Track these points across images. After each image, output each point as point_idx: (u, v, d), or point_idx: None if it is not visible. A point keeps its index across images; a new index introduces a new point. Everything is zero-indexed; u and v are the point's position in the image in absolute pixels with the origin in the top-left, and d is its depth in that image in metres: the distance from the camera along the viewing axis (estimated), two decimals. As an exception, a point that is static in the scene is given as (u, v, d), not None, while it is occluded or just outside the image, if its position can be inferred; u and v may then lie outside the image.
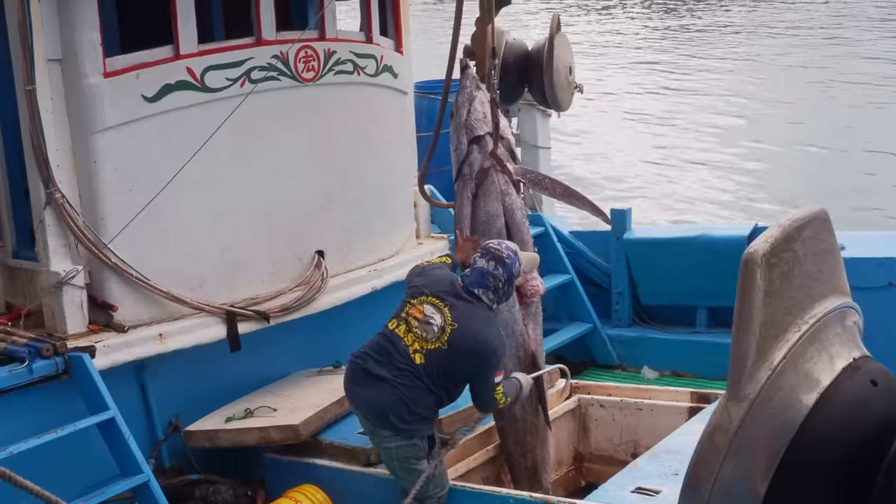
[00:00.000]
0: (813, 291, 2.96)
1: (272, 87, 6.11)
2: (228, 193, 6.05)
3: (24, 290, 5.98)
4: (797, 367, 2.87)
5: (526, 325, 5.60)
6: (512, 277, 5.04)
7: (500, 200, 5.57)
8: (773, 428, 2.84)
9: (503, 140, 5.61)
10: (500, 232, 5.55)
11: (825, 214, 3.01)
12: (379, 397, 4.91)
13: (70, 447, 5.15)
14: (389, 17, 7.06)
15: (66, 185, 5.49)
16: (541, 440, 5.65)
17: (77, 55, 5.44)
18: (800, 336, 2.89)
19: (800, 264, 2.91)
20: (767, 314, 2.83)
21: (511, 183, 5.63)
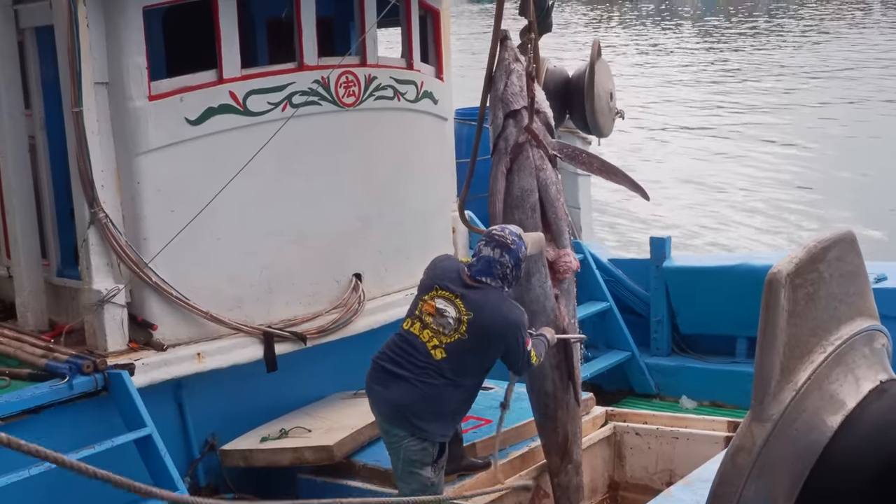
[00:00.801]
0: (839, 313, 2.93)
1: (313, 112, 6.21)
2: (268, 215, 6.14)
3: (67, 307, 6.10)
4: (822, 389, 2.84)
5: (558, 300, 5.51)
6: (519, 262, 4.95)
7: (534, 175, 5.47)
8: (797, 449, 2.81)
9: (539, 114, 5.52)
10: (533, 207, 5.47)
11: (852, 236, 2.98)
12: (399, 396, 4.89)
13: (107, 463, 5.18)
14: (431, 44, 7.14)
15: (109, 205, 5.61)
16: (571, 415, 5.66)
17: (123, 79, 5.58)
18: (825, 357, 2.85)
19: (825, 286, 2.88)
20: (792, 335, 2.80)
21: (546, 158, 5.53)
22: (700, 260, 8.48)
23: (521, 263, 4.98)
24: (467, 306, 4.87)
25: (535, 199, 5.48)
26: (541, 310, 5.42)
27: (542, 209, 5.50)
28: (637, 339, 7.96)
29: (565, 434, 5.64)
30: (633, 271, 8.14)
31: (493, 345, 4.91)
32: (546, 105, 5.64)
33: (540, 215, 5.48)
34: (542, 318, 5.42)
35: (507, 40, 5.68)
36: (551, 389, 5.58)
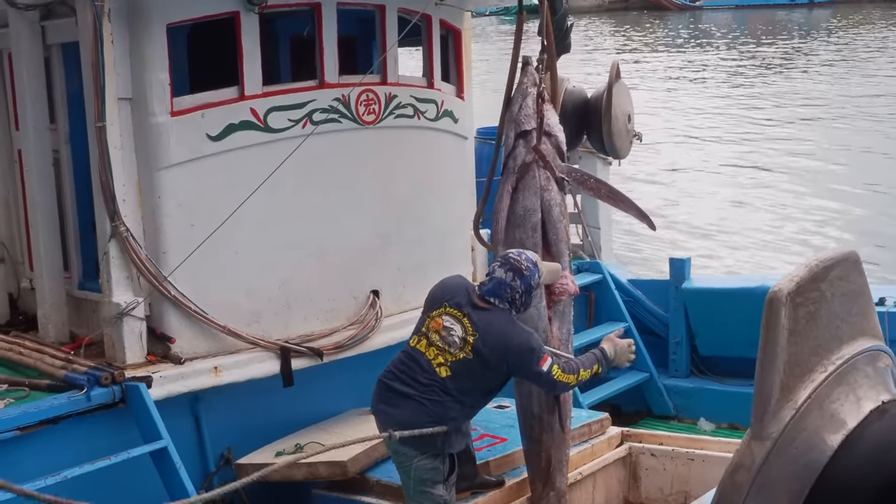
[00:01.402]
0: (841, 333, 2.94)
1: (333, 129, 6.27)
2: (287, 231, 6.20)
3: (87, 320, 6.19)
4: (822, 408, 2.85)
5: (551, 322, 5.46)
6: (530, 289, 4.93)
7: (538, 196, 5.47)
8: (796, 468, 2.81)
9: (551, 137, 5.53)
10: (534, 227, 5.46)
11: (855, 256, 2.99)
12: (404, 415, 4.87)
13: (123, 474, 5.28)
14: (452, 63, 7.20)
15: (130, 219, 5.70)
16: (556, 441, 5.50)
17: (146, 95, 5.68)
18: (826, 376, 2.86)
19: (827, 305, 2.89)
20: (792, 353, 2.82)
21: (553, 179, 5.52)
22: (719, 281, 8.47)
23: (531, 290, 4.96)
24: (474, 326, 4.85)
25: (536, 219, 5.48)
26: (534, 329, 5.29)
27: (544, 230, 5.49)
28: (656, 360, 7.94)
29: (548, 459, 5.51)
30: (652, 292, 8.12)
31: (497, 367, 4.87)
32: (559, 129, 5.66)
33: (541, 236, 5.46)
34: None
35: (527, 66, 5.73)
36: (537, 411, 5.48)
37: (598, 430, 6.29)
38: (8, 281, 6.78)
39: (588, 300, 8.17)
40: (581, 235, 8.71)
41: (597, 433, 6.27)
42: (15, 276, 6.79)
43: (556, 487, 5.54)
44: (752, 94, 30.79)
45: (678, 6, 67.69)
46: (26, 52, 6.01)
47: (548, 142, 5.56)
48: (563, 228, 5.55)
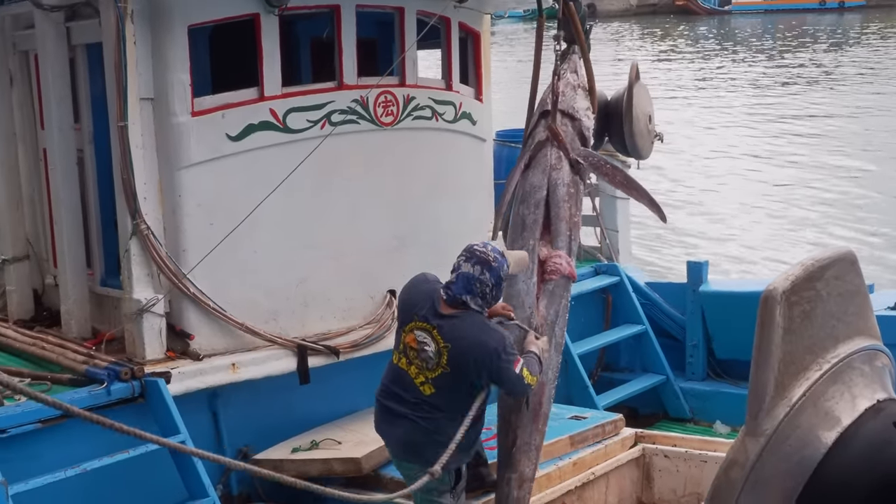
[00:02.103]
0: (837, 332, 2.96)
1: (351, 130, 6.35)
2: (305, 231, 6.28)
3: (109, 316, 6.29)
4: (817, 406, 2.87)
5: (539, 299, 5.31)
6: (500, 281, 4.85)
7: (546, 174, 5.40)
8: (790, 465, 2.84)
9: (574, 120, 5.50)
10: (537, 204, 5.39)
11: (852, 256, 3.02)
12: (405, 434, 4.88)
13: (141, 468, 5.37)
14: (471, 66, 7.26)
15: (151, 217, 5.80)
16: (523, 421, 5.21)
17: (167, 95, 5.78)
18: (821, 375, 2.89)
19: (823, 304, 2.91)
20: (787, 352, 2.85)
21: (566, 160, 5.45)
22: (736, 285, 8.46)
23: (501, 283, 4.88)
24: (444, 337, 4.75)
25: (540, 196, 5.40)
26: (519, 305, 5.25)
27: (547, 208, 5.39)
28: (672, 362, 7.95)
29: (514, 439, 5.22)
30: (669, 295, 8.14)
31: (475, 374, 4.77)
32: (585, 115, 5.60)
33: (543, 213, 5.37)
34: (518, 314, 5.23)
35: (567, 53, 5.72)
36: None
37: (612, 431, 6.32)
38: (32, 277, 6.90)
39: (605, 302, 8.20)
40: (599, 238, 8.74)
41: (610, 434, 6.30)
42: (39, 273, 6.91)
43: (519, 470, 5.21)
44: (780, 99, 30.62)
45: (707, 10, 67.41)
46: (51, 52, 6.13)
47: (568, 124, 5.51)
48: (566, 208, 5.42)
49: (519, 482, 5.18)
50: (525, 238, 5.39)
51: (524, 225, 5.35)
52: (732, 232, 16.21)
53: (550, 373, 5.26)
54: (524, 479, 5.20)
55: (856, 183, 19.36)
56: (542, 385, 5.16)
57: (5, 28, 6.63)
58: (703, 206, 17.96)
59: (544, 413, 5.29)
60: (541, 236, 5.35)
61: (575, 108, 5.58)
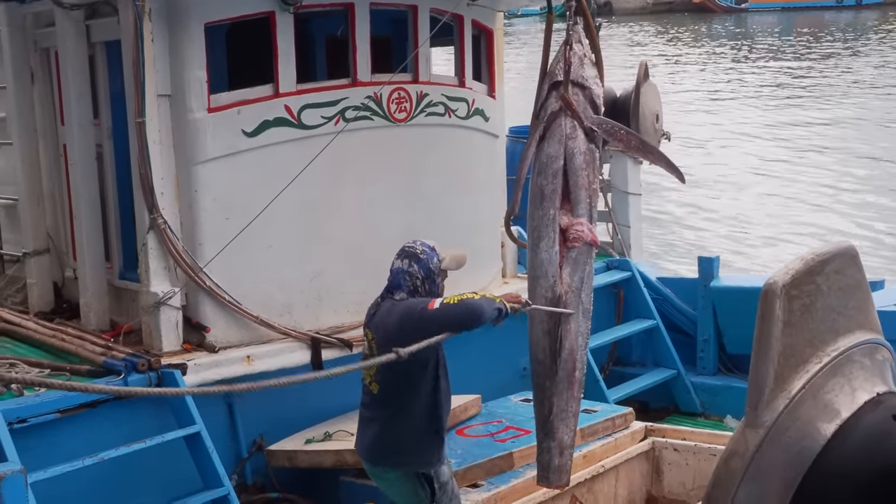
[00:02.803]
0: (837, 325, 3.02)
1: (365, 126, 6.43)
2: (319, 226, 6.37)
3: (127, 309, 6.40)
4: (816, 398, 2.93)
5: (562, 267, 5.22)
6: (430, 273, 4.88)
7: (562, 143, 5.33)
8: (789, 456, 2.90)
9: (584, 89, 5.42)
10: (556, 174, 5.32)
11: (853, 251, 3.07)
12: (371, 437, 4.93)
13: (158, 458, 5.47)
14: (483, 62, 7.33)
15: (168, 211, 5.90)
16: (559, 388, 5.16)
17: (184, 91, 5.87)
18: (820, 367, 2.95)
19: (823, 298, 2.97)
20: (787, 344, 2.91)
21: (581, 128, 5.38)
22: (747, 280, 8.47)
23: (432, 275, 4.91)
24: (371, 330, 4.87)
25: (558, 165, 5.32)
26: (542, 274, 5.20)
27: (565, 177, 5.32)
28: (683, 357, 8.00)
29: (550, 407, 5.17)
30: (680, 290, 8.19)
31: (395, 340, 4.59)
32: (594, 83, 5.50)
33: (561, 183, 5.31)
34: (542, 283, 5.18)
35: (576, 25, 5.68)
36: (541, 356, 5.20)
37: (622, 424, 6.38)
38: (53, 270, 7.00)
39: (617, 297, 8.25)
40: (611, 233, 8.80)
41: (620, 427, 6.36)
42: (59, 266, 7.01)
43: (558, 438, 5.16)
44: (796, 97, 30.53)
45: (723, 8, 67.12)
46: (71, 50, 6.24)
47: (579, 93, 5.43)
48: (584, 176, 5.36)
49: (559, 449, 5.17)
50: (545, 208, 5.31)
51: (543, 195, 5.27)
52: (746, 226, 16.22)
53: (581, 339, 5.20)
54: (564, 446, 5.17)
55: (870, 180, 19.31)
56: (571, 351, 5.13)
57: (27, 26, 6.73)
58: (719, 201, 17.96)
59: (578, 379, 5.24)
60: (561, 205, 5.28)
61: (584, 77, 5.52)
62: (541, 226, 5.23)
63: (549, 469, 5.15)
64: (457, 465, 5.63)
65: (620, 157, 8.19)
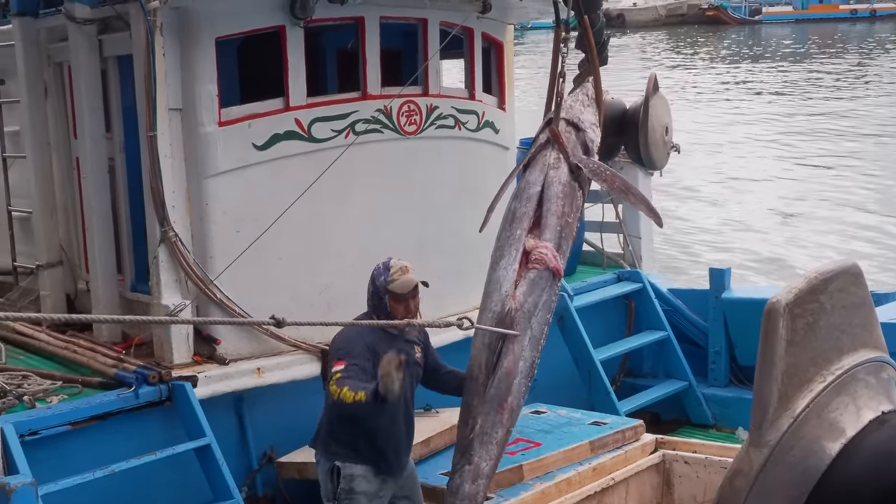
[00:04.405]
0: (841, 343, 3.01)
1: (375, 139, 6.46)
2: (329, 238, 6.39)
3: (139, 321, 6.42)
4: (821, 417, 2.92)
5: (517, 285, 5.15)
6: (376, 291, 5.07)
7: (543, 172, 5.38)
8: (794, 475, 2.90)
9: (580, 131, 5.53)
10: (529, 198, 5.35)
11: (857, 269, 3.07)
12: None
13: (168, 470, 5.50)
14: (494, 75, 7.35)
15: (179, 224, 5.93)
16: (486, 408, 4.92)
17: (196, 105, 5.91)
18: (824, 386, 2.94)
19: (826, 316, 2.97)
20: (791, 363, 2.90)
21: (565, 162, 5.42)
22: (759, 291, 8.45)
23: (378, 293, 5.11)
24: None
25: (535, 191, 5.36)
26: (495, 289, 5.16)
27: (539, 203, 5.35)
28: (695, 369, 7.98)
29: (473, 427, 4.92)
30: (692, 301, 8.18)
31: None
32: (590, 126, 5.60)
33: (534, 207, 5.33)
34: (494, 297, 5.16)
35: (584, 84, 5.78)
36: (475, 371, 5.02)
37: (632, 436, 6.37)
38: (66, 282, 7.04)
39: (628, 309, 8.25)
40: (622, 245, 8.80)
41: (631, 440, 6.35)
42: (72, 278, 7.05)
43: (475, 462, 4.85)
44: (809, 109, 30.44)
45: (737, 20, 67.12)
46: (84, 64, 6.29)
47: (573, 132, 5.51)
48: (559, 205, 5.34)
49: (473, 475, 4.82)
50: (512, 229, 5.30)
51: (514, 217, 5.28)
52: (759, 238, 16.19)
53: (522, 365, 4.97)
54: (479, 473, 4.83)
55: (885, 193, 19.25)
56: (508, 373, 4.92)
57: (40, 41, 6.79)
58: (729, 213, 17.93)
59: (511, 406, 4.95)
60: (530, 229, 5.26)
61: (581, 120, 5.59)
62: (504, 245, 5.23)
63: (457, 495, 4.82)
64: (466, 478, 5.61)
65: (631, 167, 8.18)
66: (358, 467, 4.95)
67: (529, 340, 5.03)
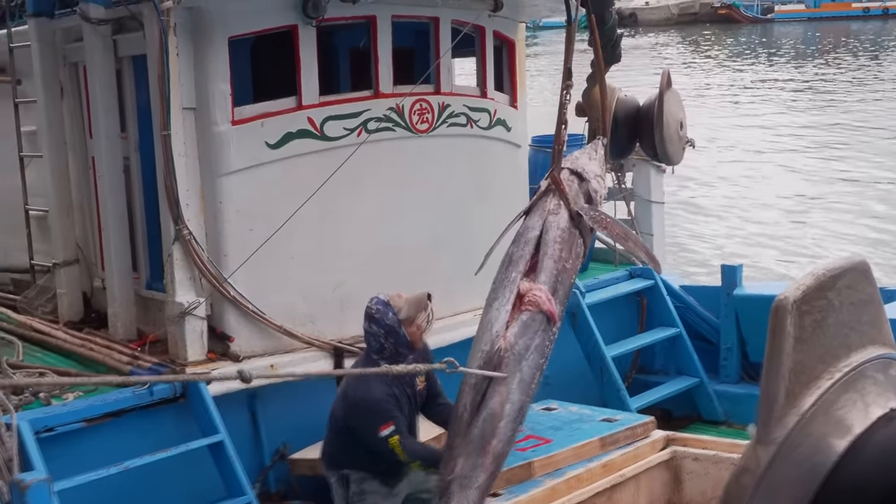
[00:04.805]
0: (850, 341, 3.02)
1: (387, 138, 6.50)
2: (342, 236, 6.43)
3: (154, 318, 6.48)
4: (828, 414, 2.93)
5: (508, 326, 5.15)
6: (391, 329, 5.09)
7: (542, 217, 5.46)
8: (801, 472, 2.90)
9: (583, 181, 5.60)
10: (527, 242, 5.42)
11: (865, 266, 3.08)
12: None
13: (181, 466, 5.54)
14: (506, 73, 7.37)
15: (193, 222, 5.98)
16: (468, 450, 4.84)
17: (209, 105, 5.95)
18: (832, 383, 2.95)
19: (835, 313, 2.97)
20: (798, 361, 2.91)
21: (566, 209, 5.50)
22: (770, 288, 8.43)
23: (393, 329, 5.10)
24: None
25: (532, 235, 5.43)
26: (486, 330, 5.18)
27: (537, 247, 5.40)
28: (706, 365, 7.98)
29: (453, 468, 4.83)
30: (703, 298, 8.18)
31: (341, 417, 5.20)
32: (594, 177, 5.67)
33: (531, 252, 5.37)
34: (485, 337, 5.17)
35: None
36: (460, 410, 4.97)
37: (643, 433, 6.37)
38: (82, 280, 7.10)
39: (640, 305, 8.27)
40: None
41: (641, 436, 6.35)
42: (88, 276, 7.11)
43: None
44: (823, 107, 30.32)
45: (749, 19, 66.89)
46: (99, 64, 6.34)
47: (576, 181, 5.59)
48: (557, 250, 5.37)
49: None
50: (508, 272, 5.33)
51: (510, 260, 5.31)
52: (772, 234, 16.16)
53: (509, 408, 4.89)
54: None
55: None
56: (493, 416, 4.85)
57: (56, 41, 6.85)
58: (741, 209, 17.91)
59: (495, 451, 4.83)
60: (526, 272, 5.28)
61: (586, 170, 5.66)
62: (499, 287, 5.27)
63: None
64: (477, 475, 5.65)
65: (643, 165, 8.21)
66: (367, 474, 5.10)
67: (518, 384, 4.97)
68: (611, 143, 6.93)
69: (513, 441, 5.02)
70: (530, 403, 5.17)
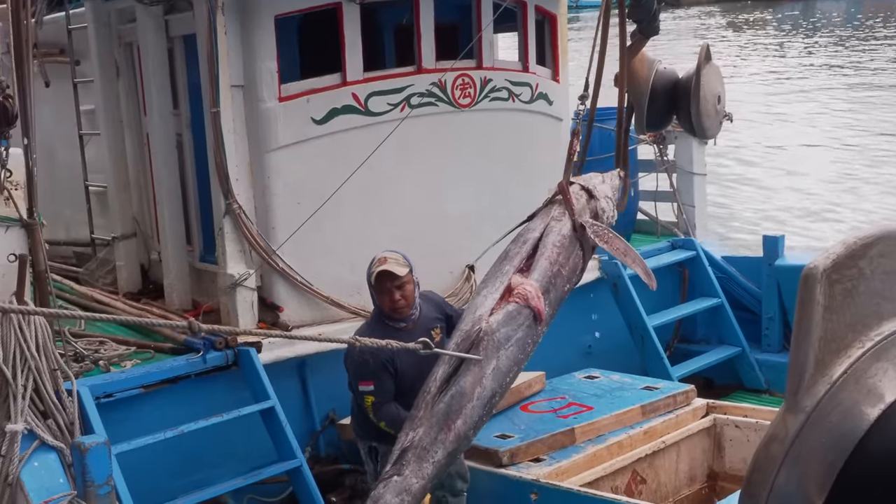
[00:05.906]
0: (882, 309, 2.99)
1: (430, 112, 6.61)
2: (386, 209, 6.58)
3: (207, 289, 6.69)
4: (859, 383, 2.94)
5: (493, 312, 5.07)
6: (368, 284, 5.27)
7: (544, 221, 5.50)
8: (831, 439, 2.91)
9: (592, 199, 5.65)
10: (525, 242, 5.45)
11: (899, 233, 3.06)
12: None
13: (235, 431, 5.74)
14: (548, 47, 7.43)
15: (242, 197, 6.16)
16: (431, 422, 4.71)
17: (256, 82, 6.11)
18: (863, 352, 2.95)
19: (866, 282, 2.94)
20: (828, 329, 2.92)
21: (569, 219, 5.51)
22: (811, 259, 8.45)
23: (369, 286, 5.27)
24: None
25: (531, 236, 5.43)
26: (470, 314, 5.14)
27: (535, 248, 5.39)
28: (748, 335, 8.03)
29: (412, 439, 4.67)
30: (745, 269, 8.21)
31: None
32: (605, 198, 5.71)
33: (528, 251, 5.39)
34: (467, 318, 5.14)
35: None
36: (430, 382, 4.84)
37: (683, 401, 6.48)
38: (139, 253, 7.34)
39: (682, 276, 8.33)
40: (676, 213, 8.86)
41: (682, 404, 6.46)
42: (145, 249, 7.34)
43: (404, 475, 4.58)
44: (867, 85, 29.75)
45: (791, -5, 65.23)
46: (152, 44, 6.53)
47: (584, 196, 5.63)
48: (554, 253, 5.34)
49: (398, 489, 4.52)
50: (502, 265, 5.34)
51: (506, 256, 5.34)
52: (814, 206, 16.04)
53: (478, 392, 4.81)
54: (406, 489, 4.52)
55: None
56: (461, 394, 4.76)
57: (111, 22, 7.04)
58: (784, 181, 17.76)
59: (458, 431, 4.72)
60: (520, 270, 5.28)
61: (597, 189, 5.69)
62: (490, 278, 5.30)
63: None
64: (520, 440, 5.80)
65: (685, 137, 8.23)
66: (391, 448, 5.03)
67: (493, 371, 4.87)
68: (647, 115, 6.99)
69: (478, 428, 4.90)
70: (501, 397, 5.03)
